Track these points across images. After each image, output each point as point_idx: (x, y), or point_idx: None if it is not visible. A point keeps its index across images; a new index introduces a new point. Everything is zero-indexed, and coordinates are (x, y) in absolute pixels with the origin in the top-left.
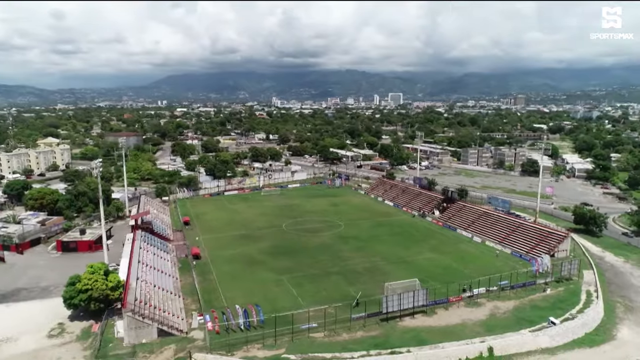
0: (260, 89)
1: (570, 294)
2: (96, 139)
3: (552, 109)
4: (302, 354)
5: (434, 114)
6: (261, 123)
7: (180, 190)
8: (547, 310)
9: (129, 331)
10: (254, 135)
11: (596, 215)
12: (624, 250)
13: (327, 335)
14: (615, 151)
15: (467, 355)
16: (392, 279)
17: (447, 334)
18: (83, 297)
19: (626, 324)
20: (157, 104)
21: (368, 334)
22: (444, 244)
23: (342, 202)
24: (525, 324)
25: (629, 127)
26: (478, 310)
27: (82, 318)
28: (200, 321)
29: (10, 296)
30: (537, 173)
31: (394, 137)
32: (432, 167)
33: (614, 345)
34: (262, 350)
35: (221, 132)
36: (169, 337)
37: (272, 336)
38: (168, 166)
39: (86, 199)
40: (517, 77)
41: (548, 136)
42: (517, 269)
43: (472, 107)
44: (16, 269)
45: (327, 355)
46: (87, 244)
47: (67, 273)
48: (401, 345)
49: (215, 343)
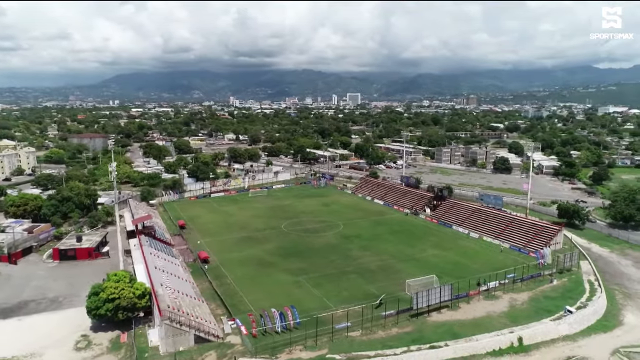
0: (215, 88)
1: (575, 283)
2: (56, 141)
3: (503, 108)
4: (345, 354)
5: (395, 114)
6: (227, 123)
7: (166, 193)
8: (559, 300)
9: (166, 339)
10: (223, 136)
11: (579, 209)
12: (607, 242)
13: (363, 334)
14: (574, 148)
15: (500, 346)
16: (407, 276)
17: (477, 326)
18: (109, 307)
19: (629, 309)
20: (109, 104)
21: (402, 330)
22: (445, 241)
23: (332, 202)
24: (544, 313)
25: (578, 125)
26: (497, 303)
27: (106, 329)
28: (232, 326)
29: (19, 309)
30: (508, 170)
31: (363, 137)
32: (408, 165)
33: (624, 330)
34: (305, 351)
35: (188, 132)
36: (206, 343)
37: (309, 337)
38: (146, 169)
39: (72, 205)
40: (466, 77)
41: (507, 135)
42: (520, 262)
43: (428, 107)
44: (15, 281)
45: (371, 353)
46: (86, 251)
47: (72, 283)
48: (437, 339)
49: (257, 347)
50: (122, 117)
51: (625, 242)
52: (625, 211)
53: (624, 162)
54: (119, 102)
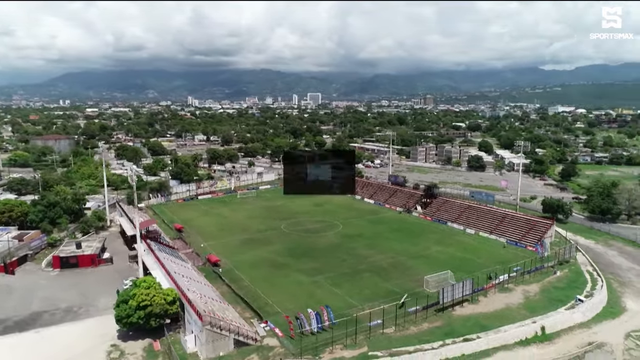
0: (170, 87)
1: (576, 274)
2: (14, 143)
3: (460, 108)
4: (386, 350)
5: (360, 114)
6: (192, 123)
7: (153, 196)
8: (567, 290)
9: (206, 345)
10: (193, 137)
11: (563, 204)
12: (590, 234)
13: (397, 330)
14: (538, 146)
15: (526, 336)
16: (419, 273)
17: (500, 318)
18: (141, 314)
19: (627, 296)
20: (59, 104)
21: (433, 325)
22: (445, 237)
23: (324, 202)
24: (558, 303)
25: (534, 124)
26: (512, 295)
27: (134, 337)
28: (265, 328)
29: (33, 322)
30: (482, 168)
31: (335, 137)
32: (385, 164)
33: (629, 316)
34: (346, 350)
35: (155, 133)
36: (244, 347)
37: (347, 336)
38: (123, 171)
39: (60, 210)
40: (422, 78)
41: (471, 134)
42: (520, 255)
43: (387, 106)
44: (19, 292)
45: (410, 349)
46: (88, 258)
47: (82, 292)
48: (468, 332)
49: (299, 348)
50: (77, 117)
51: (607, 234)
52: (602, 205)
53: (584, 158)
54: (70, 102)
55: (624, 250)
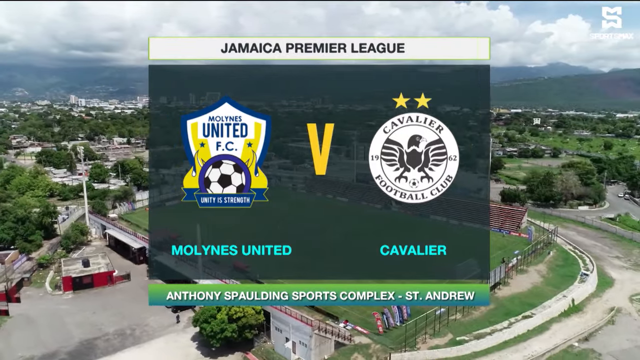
0: (44, 85)
1: (564, 253)
2: None
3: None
4: (469, 334)
5: None
6: (100, 125)
7: (119, 204)
8: (568, 267)
9: (314, 349)
10: (109, 140)
11: (519, 193)
12: (547, 219)
13: (464, 316)
14: None
15: (564, 309)
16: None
17: (537, 295)
18: (234, 327)
19: (607, 269)
20: None
21: (489, 308)
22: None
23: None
24: (570, 279)
25: None
26: (530, 275)
27: (220, 353)
28: (347, 327)
29: (88, 351)
30: None
31: None
32: None
33: (620, 283)
34: (434, 339)
35: (65, 137)
36: (342, 347)
37: (426, 326)
38: (65, 180)
39: (31, 226)
40: None
41: None
42: (512, 240)
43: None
44: (44, 320)
45: (487, 330)
46: (104, 276)
47: (118, 313)
48: (521, 310)
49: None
50: None
51: (558, 217)
52: (546, 192)
53: (498, 153)
54: None
55: (580, 230)
